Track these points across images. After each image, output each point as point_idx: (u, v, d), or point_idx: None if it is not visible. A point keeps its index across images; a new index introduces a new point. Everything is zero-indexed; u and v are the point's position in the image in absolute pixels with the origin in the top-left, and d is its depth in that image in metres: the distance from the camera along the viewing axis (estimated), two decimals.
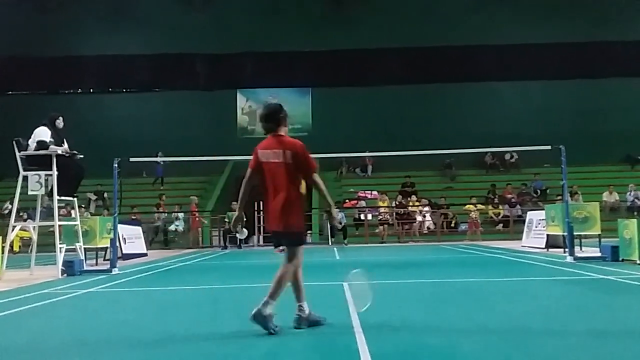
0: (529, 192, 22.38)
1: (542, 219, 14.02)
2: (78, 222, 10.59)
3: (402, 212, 21.12)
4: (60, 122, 10.00)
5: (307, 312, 4.58)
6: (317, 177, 4.50)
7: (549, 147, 10.71)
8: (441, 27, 25.80)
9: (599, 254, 10.31)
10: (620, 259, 9.62)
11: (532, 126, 23.63)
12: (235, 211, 4.69)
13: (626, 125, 22.73)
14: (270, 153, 4.49)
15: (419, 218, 21.11)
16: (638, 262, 9.09)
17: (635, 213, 19.41)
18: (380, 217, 21.08)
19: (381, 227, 20.60)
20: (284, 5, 26.63)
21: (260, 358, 3.79)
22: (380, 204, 21.69)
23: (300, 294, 4.62)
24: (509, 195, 22.14)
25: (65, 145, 9.93)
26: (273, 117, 4.64)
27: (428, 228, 21.07)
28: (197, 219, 21.21)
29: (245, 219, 4.96)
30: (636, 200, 20.71)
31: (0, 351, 4.13)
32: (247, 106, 27.57)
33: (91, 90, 27.38)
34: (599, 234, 12.51)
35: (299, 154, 4.43)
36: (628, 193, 21.06)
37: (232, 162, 24.45)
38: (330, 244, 19.68)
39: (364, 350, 3.78)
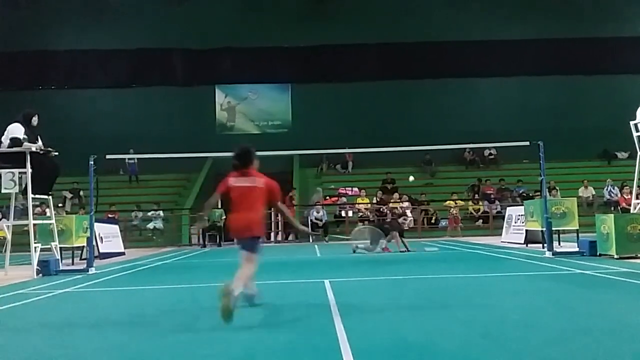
0: (508, 188, 22.59)
1: (521, 215, 14.16)
2: (53, 221, 10.41)
3: (383, 210, 21.13)
4: (35, 120, 9.80)
5: None
6: None
7: (527, 143, 10.80)
8: (420, 23, 25.88)
9: (577, 249, 10.43)
10: (598, 253, 9.73)
11: (510, 122, 23.85)
12: (214, 208, 4.90)
13: (603, 121, 23.01)
14: None
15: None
16: (615, 256, 9.21)
17: (612, 208, 19.69)
18: (361, 213, 21.10)
19: (361, 224, 20.58)
20: (263, 0, 26.45)
21: (238, 358, 3.73)
22: (360, 200, 21.71)
23: None
24: (489, 191, 22.32)
25: (40, 143, 9.73)
26: None
27: (408, 224, 21.08)
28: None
29: None
30: (612, 195, 21.00)
31: None
32: (225, 102, 27.35)
33: (66, 86, 26.90)
34: (577, 229, 12.68)
35: None
36: (605, 188, 21.35)
37: (211, 159, 24.25)
38: (310, 241, 19.63)
39: (345, 347, 3.74)
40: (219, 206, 19.89)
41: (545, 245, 10.74)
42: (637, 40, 26.13)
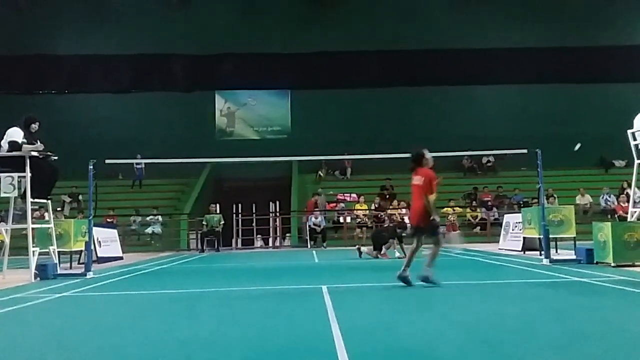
0: (505, 195, 22.63)
1: (519, 222, 14.18)
2: (52, 225, 10.40)
3: (381, 216, 21.16)
4: (35, 127, 9.81)
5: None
6: None
7: (525, 151, 10.83)
8: (420, 30, 26.00)
9: (574, 257, 10.45)
10: (595, 261, 9.75)
11: (509, 130, 23.88)
12: (212, 213, 5.21)
13: (600, 129, 23.06)
14: None
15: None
16: (612, 264, 9.23)
17: (609, 216, 19.73)
18: (359, 220, 21.13)
19: (359, 230, 20.64)
20: (264, 6, 26.56)
21: None
22: (358, 207, 21.75)
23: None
24: (487, 198, 22.36)
25: (39, 144, 9.74)
26: None
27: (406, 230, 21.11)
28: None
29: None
30: (608, 203, 21.03)
31: None
32: (225, 108, 27.42)
33: (66, 91, 26.94)
34: (574, 237, 12.69)
35: None
36: (601, 196, 21.39)
37: (210, 165, 24.29)
38: (309, 247, 19.65)
39: (342, 352, 3.77)
40: (218, 211, 19.97)
41: (542, 252, 10.76)
42: (634, 49, 26.27)
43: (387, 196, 22.64)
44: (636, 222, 10.25)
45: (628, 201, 11.95)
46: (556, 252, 12.20)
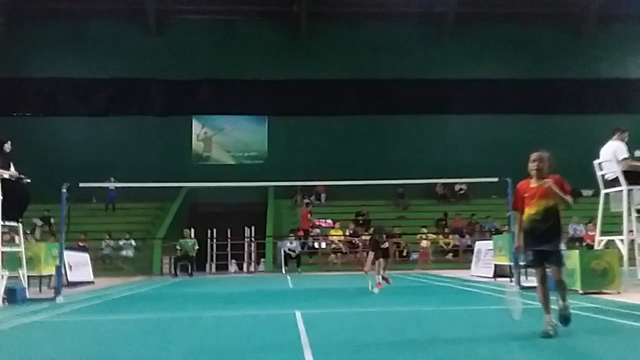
0: (478, 222, 22.94)
1: (490, 249, 14.41)
2: (22, 249, 10.25)
3: (355, 242, 21.29)
4: (8, 147, 9.75)
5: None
6: None
7: (496, 180, 11.11)
8: (395, 60, 26.51)
9: None
10: None
11: (480, 158, 24.27)
12: (187, 238, 4.96)
13: (568, 159, 23.47)
14: None
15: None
16: (580, 292, 9.43)
17: (577, 244, 20.13)
18: (334, 245, 21.20)
19: (333, 256, 20.70)
20: (242, 33, 26.86)
21: None
22: (333, 232, 21.83)
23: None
24: (459, 226, 22.64)
25: (12, 169, 9.67)
26: None
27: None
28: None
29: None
30: (577, 231, 21.46)
31: None
32: (202, 133, 27.41)
33: (41, 114, 26.65)
34: None
35: None
36: (570, 225, 21.83)
37: (186, 189, 24.17)
38: (283, 272, 19.60)
39: None
40: (192, 236, 19.83)
41: (512, 279, 10.94)
42: (601, 82, 27.11)
43: (362, 222, 22.79)
44: (603, 250, 10.52)
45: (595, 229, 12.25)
46: (526, 278, 12.40)
